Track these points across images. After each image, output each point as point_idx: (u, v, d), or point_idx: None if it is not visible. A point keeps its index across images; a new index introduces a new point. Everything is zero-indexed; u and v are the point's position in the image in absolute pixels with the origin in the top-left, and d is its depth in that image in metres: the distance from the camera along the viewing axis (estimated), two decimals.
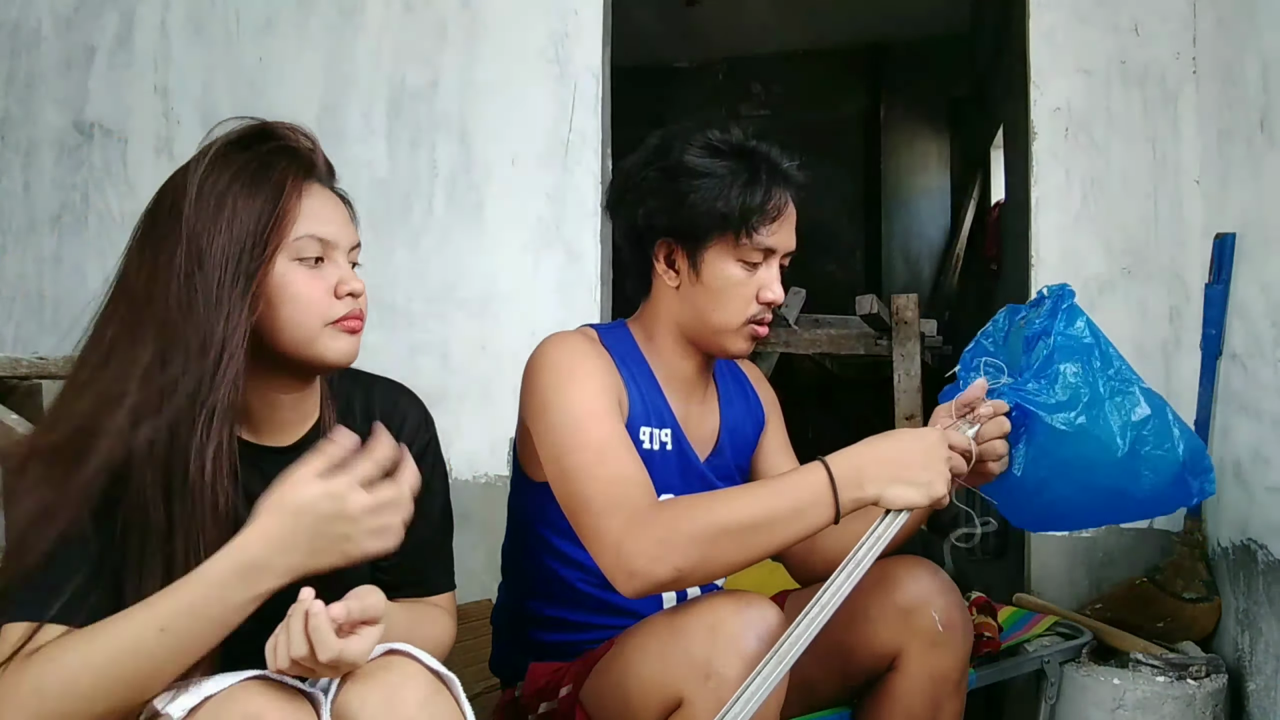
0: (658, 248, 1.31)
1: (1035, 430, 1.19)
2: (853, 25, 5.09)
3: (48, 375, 2.07)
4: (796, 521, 1.08)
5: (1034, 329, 1.24)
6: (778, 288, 1.30)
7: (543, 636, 1.35)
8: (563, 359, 1.24)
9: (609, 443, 1.17)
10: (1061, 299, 1.24)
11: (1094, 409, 1.17)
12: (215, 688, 0.85)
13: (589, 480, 1.15)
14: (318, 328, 1.01)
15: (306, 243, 1.00)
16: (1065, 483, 1.21)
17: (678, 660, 1.06)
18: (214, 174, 0.98)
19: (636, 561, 1.07)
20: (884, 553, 1.10)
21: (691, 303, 1.30)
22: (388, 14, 2.52)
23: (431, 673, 0.91)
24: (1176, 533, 2.00)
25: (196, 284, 0.95)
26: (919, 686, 1.24)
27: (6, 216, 2.76)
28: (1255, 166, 1.77)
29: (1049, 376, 1.18)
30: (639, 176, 1.31)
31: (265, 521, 0.89)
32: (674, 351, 1.35)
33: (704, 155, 1.27)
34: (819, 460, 1.11)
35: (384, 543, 0.90)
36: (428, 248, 2.44)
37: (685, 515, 1.09)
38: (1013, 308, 1.34)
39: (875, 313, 2.48)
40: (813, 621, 1.04)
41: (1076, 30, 2.15)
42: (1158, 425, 1.19)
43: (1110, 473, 1.18)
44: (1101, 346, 1.21)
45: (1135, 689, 1.68)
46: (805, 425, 4.64)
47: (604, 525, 1.11)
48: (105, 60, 2.71)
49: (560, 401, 1.21)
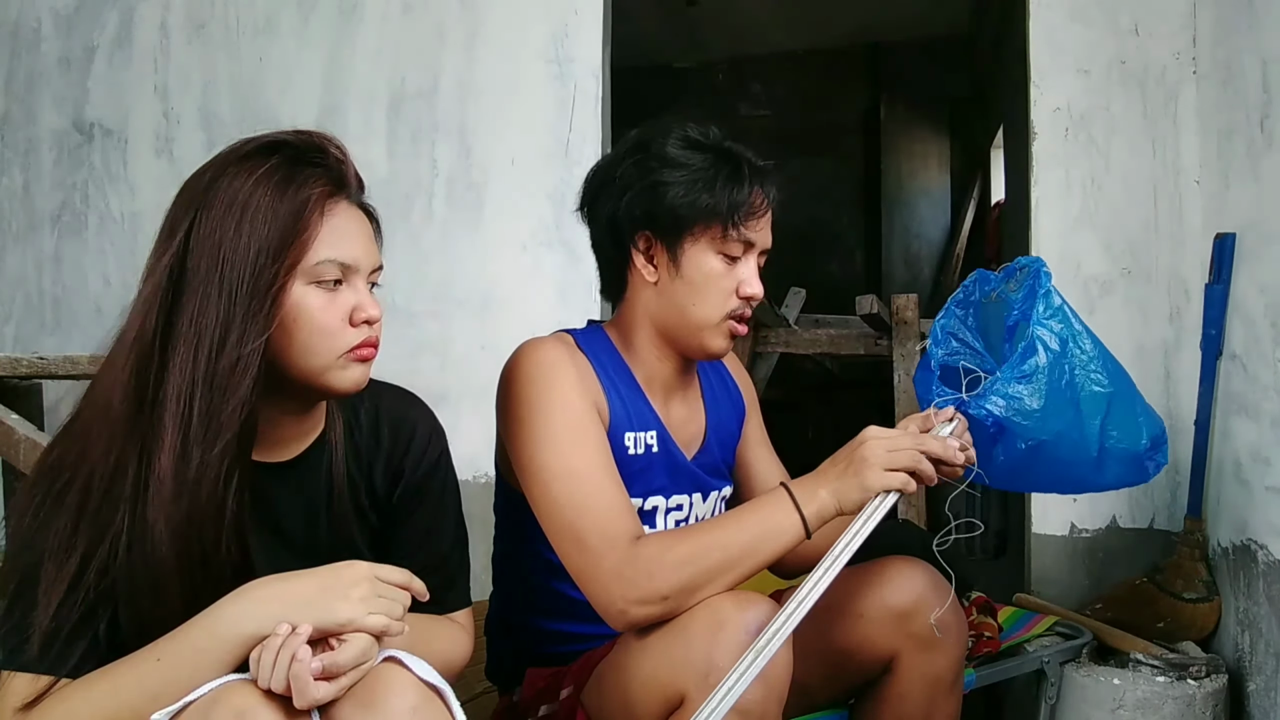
0: (637, 240, 1.28)
1: (1009, 436, 1.20)
2: (852, 25, 5.09)
3: (48, 375, 2.07)
4: (772, 542, 1.13)
5: (1012, 314, 1.24)
6: (757, 283, 1.28)
7: (540, 648, 1.34)
8: (539, 372, 1.22)
9: (593, 470, 1.17)
10: (1038, 280, 1.22)
11: (1069, 413, 1.19)
12: (200, 691, 0.85)
13: (579, 513, 1.15)
14: (331, 358, 0.97)
15: (326, 267, 0.96)
16: (1034, 473, 1.25)
17: (679, 659, 1.06)
18: (238, 181, 0.94)
19: (625, 603, 1.11)
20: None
21: (670, 298, 1.28)
22: (387, 14, 2.52)
23: (424, 682, 0.90)
24: (1176, 533, 2.00)
25: (212, 298, 0.92)
26: (914, 688, 1.24)
27: (6, 216, 2.76)
28: (1255, 166, 1.77)
29: (1027, 375, 1.18)
30: (617, 171, 1.29)
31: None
32: (652, 353, 1.33)
33: (684, 148, 1.27)
34: (780, 484, 1.17)
35: (374, 621, 0.88)
36: (428, 248, 2.44)
37: (670, 550, 1.12)
38: (982, 275, 1.34)
39: (875, 313, 2.47)
40: (801, 603, 1.05)
41: (1076, 30, 2.15)
42: (1125, 418, 1.22)
43: (1079, 468, 1.23)
44: (1075, 329, 1.21)
45: (1135, 689, 1.68)
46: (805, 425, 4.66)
47: (596, 565, 1.13)
48: (105, 60, 2.71)
49: (540, 422, 1.19)
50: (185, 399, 0.91)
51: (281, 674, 0.83)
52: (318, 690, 0.83)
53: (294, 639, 0.85)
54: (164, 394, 0.92)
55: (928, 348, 1.31)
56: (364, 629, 0.88)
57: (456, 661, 1.10)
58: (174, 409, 0.91)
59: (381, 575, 0.93)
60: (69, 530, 0.92)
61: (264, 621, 0.87)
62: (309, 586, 0.90)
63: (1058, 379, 1.18)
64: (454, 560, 1.16)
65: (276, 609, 0.88)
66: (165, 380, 0.92)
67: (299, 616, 0.87)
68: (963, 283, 1.35)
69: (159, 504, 0.91)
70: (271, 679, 0.84)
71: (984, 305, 1.32)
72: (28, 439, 1.93)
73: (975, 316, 1.33)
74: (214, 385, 0.91)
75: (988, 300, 1.31)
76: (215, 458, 0.91)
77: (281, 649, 0.84)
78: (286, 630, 0.86)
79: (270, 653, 0.85)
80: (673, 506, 1.33)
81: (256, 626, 0.87)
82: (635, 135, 1.32)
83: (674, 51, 5.50)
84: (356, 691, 0.87)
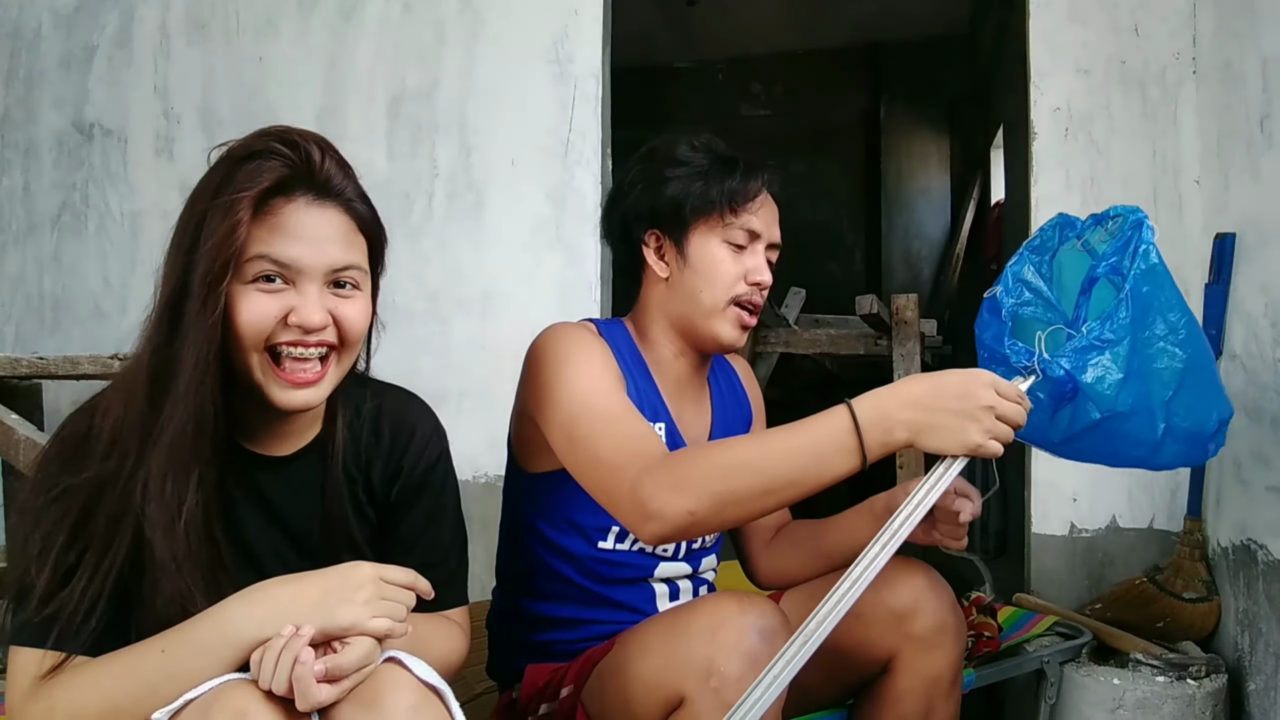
0: (647, 238, 1.35)
1: (1083, 403, 1.10)
2: (852, 25, 5.09)
3: (48, 375, 2.07)
4: (816, 465, 1.05)
5: (1100, 265, 1.11)
6: (766, 272, 1.34)
7: (538, 637, 1.35)
8: (564, 345, 1.26)
9: (616, 409, 1.19)
10: (1140, 234, 1.09)
11: (1142, 385, 1.07)
12: (199, 690, 0.86)
13: (601, 440, 1.16)
14: (256, 359, 0.96)
15: (256, 263, 0.94)
16: (1093, 444, 1.15)
17: (680, 659, 1.06)
18: (203, 184, 0.96)
19: (653, 503, 1.07)
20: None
21: (681, 290, 1.33)
22: (388, 14, 2.52)
23: (423, 682, 0.90)
24: (1176, 533, 2.00)
25: (180, 298, 0.93)
26: (913, 689, 1.25)
27: (6, 216, 2.76)
28: (1255, 166, 1.77)
29: (1114, 340, 1.06)
30: (628, 176, 1.38)
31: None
32: (668, 348, 1.37)
33: (686, 149, 1.34)
34: (844, 402, 1.07)
35: (377, 625, 0.89)
36: (428, 247, 2.44)
37: (701, 456, 1.11)
38: (1066, 220, 1.24)
39: (875, 313, 2.47)
40: (848, 591, 1.02)
41: (1076, 30, 2.15)
42: (1197, 397, 1.11)
43: (1141, 446, 1.14)
44: (1167, 297, 1.08)
45: (1135, 689, 1.68)
46: None
47: (619, 476, 1.12)
48: (105, 60, 2.71)
49: (565, 380, 1.22)
50: (159, 388, 0.93)
51: (284, 676, 0.84)
52: (320, 692, 0.83)
53: (296, 641, 0.85)
54: (145, 380, 0.94)
55: (997, 295, 1.20)
56: (367, 632, 0.88)
57: (453, 660, 1.11)
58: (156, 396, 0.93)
59: (386, 576, 0.93)
60: (80, 510, 0.94)
61: (267, 624, 0.88)
62: (314, 589, 0.90)
63: (1142, 347, 1.08)
64: (452, 558, 1.16)
65: (281, 611, 0.88)
66: (146, 368, 0.94)
67: (304, 619, 0.87)
68: (1040, 226, 1.26)
69: (151, 494, 0.93)
70: (273, 681, 0.84)
71: (1062, 253, 1.22)
72: (28, 439, 1.93)
73: (1049, 265, 1.23)
74: (178, 377, 0.92)
75: (1069, 248, 1.22)
76: (190, 449, 0.93)
77: (284, 651, 0.85)
78: (290, 632, 0.86)
79: (272, 654, 0.85)
80: None
81: (258, 629, 0.88)
82: (647, 146, 1.39)
83: (674, 51, 5.50)
84: (357, 691, 0.87)
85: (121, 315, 2.61)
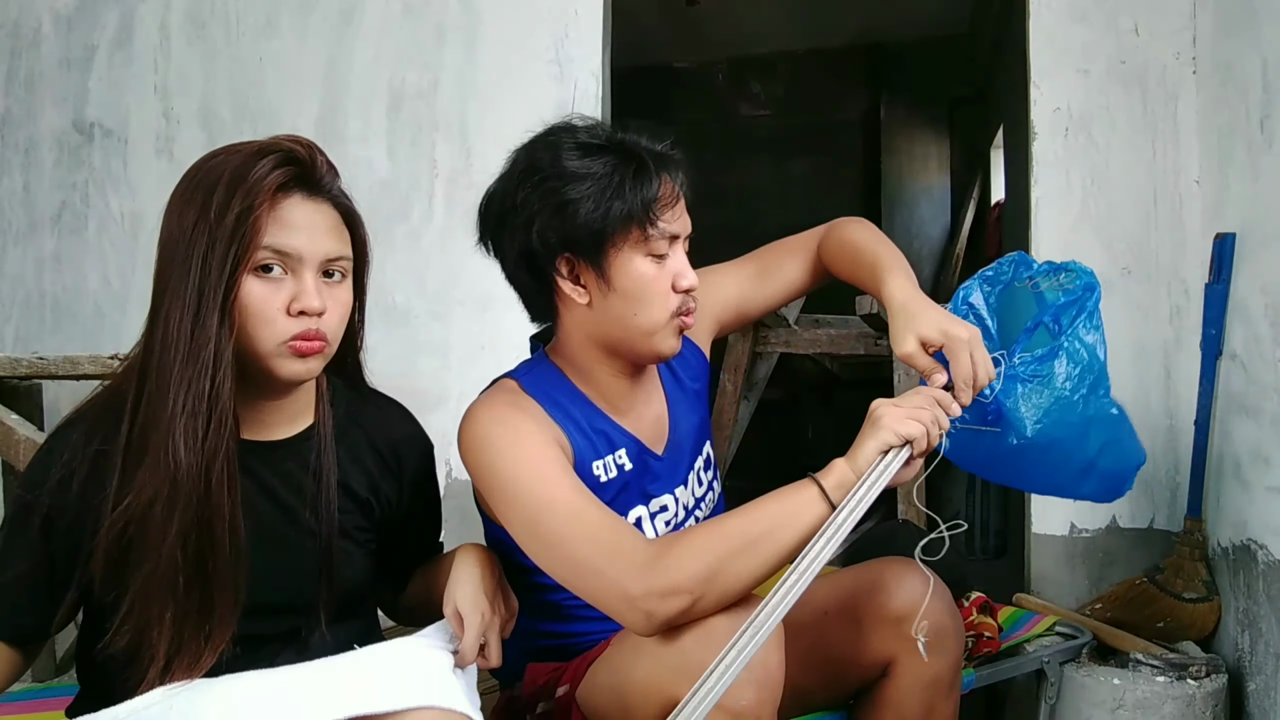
0: (558, 266, 1.21)
1: (1004, 427, 1.18)
2: (853, 25, 5.09)
3: (48, 375, 2.06)
4: (792, 520, 1.08)
5: (1045, 313, 1.20)
6: (691, 273, 1.23)
7: (539, 638, 1.34)
8: (490, 438, 1.19)
9: (572, 500, 1.13)
10: (1089, 296, 1.19)
11: (1075, 426, 1.17)
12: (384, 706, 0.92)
13: (570, 544, 1.11)
14: (270, 345, 1.01)
15: (263, 254, 1.00)
16: (1010, 467, 1.23)
17: (673, 663, 1.06)
18: (205, 178, 1.01)
19: (648, 602, 1.05)
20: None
21: (608, 314, 1.22)
22: (387, 14, 2.52)
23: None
24: (1176, 533, 2.00)
25: (188, 291, 0.98)
26: (912, 692, 1.24)
27: (6, 216, 2.77)
28: (1255, 166, 1.77)
29: (1043, 377, 1.16)
30: (517, 199, 1.21)
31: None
32: (603, 371, 1.28)
33: (581, 157, 1.19)
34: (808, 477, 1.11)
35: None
36: (428, 248, 2.44)
37: (683, 542, 1.08)
38: (1023, 259, 1.29)
39: (875, 313, 2.47)
40: (795, 584, 1.02)
41: (1076, 30, 2.15)
42: (1123, 443, 1.22)
43: (1061, 474, 1.23)
44: (1100, 358, 1.19)
45: (1135, 689, 1.68)
46: (805, 425, 4.66)
47: (601, 579, 1.08)
48: (105, 60, 2.71)
49: (509, 479, 1.16)
50: (169, 373, 0.97)
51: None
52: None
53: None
54: (153, 367, 0.99)
55: (949, 307, 1.28)
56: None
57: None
58: (161, 379, 0.98)
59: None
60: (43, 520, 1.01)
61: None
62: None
63: (1071, 392, 1.16)
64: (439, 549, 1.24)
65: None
66: (152, 357, 0.99)
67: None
68: (998, 259, 1.30)
69: (150, 471, 0.97)
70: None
71: (1013, 289, 1.27)
72: (27, 439, 1.92)
73: (998, 296, 1.28)
74: (190, 360, 0.97)
75: (1020, 284, 1.27)
76: (196, 429, 0.97)
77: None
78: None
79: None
80: (656, 510, 1.32)
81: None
82: (523, 156, 1.24)
83: (674, 51, 5.49)
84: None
85: (121, 315, 2.61)
